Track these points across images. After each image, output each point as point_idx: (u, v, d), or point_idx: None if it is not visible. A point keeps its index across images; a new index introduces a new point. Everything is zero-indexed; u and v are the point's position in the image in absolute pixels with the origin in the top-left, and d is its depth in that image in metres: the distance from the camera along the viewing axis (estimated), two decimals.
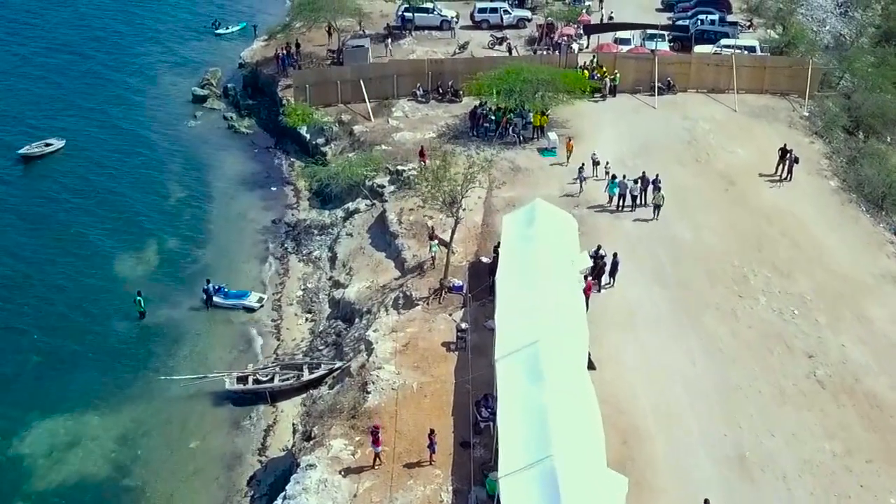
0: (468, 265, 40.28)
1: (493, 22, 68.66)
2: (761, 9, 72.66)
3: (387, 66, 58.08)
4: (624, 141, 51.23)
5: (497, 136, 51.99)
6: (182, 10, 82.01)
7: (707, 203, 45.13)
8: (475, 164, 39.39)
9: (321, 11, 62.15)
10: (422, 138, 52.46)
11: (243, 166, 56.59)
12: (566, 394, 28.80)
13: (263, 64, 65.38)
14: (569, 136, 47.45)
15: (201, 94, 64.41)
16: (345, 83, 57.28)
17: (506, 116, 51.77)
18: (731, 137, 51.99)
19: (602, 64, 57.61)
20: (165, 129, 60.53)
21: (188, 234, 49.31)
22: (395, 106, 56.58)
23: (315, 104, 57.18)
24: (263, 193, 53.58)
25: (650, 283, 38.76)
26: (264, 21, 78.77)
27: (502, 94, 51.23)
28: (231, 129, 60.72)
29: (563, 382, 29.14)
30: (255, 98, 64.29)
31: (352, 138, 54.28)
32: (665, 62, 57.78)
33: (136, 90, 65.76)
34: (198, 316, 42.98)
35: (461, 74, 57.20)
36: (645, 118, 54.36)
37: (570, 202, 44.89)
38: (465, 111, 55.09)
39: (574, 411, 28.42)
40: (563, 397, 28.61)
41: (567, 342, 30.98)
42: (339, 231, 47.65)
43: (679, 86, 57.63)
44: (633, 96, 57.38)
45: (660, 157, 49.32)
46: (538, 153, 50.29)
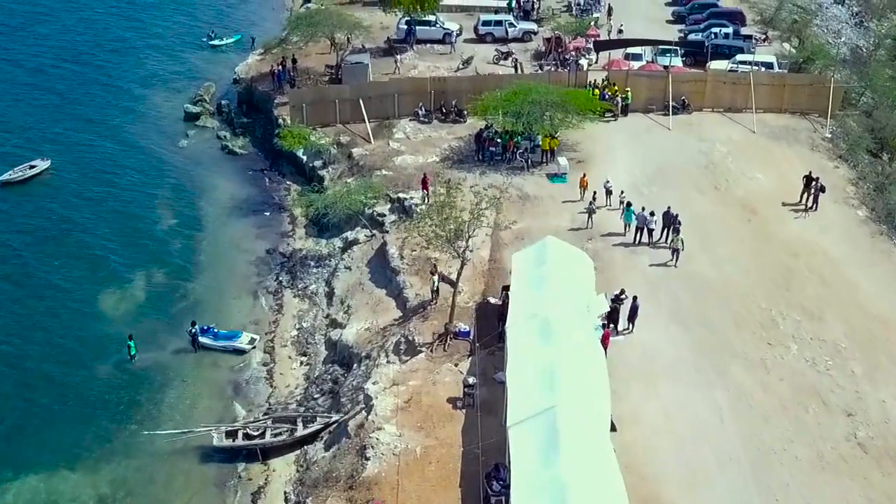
0: (475, 306, 37.24)
1: (497, 35, 65.56)
2: (775, 21, 69.54)
3: (387, 84, 55.02)
4: (638, 166, 48.18)
5: (504, 160, 48.96)
6: (176, 20, 78.80)
7: (729, 235, 42.08)
8: (483, 198, 36.28)
9: (319, 26, 59.05)
10: (424, 163, 49.44)
11: (237, 190, 53.51)
12: (587, 469, 25.81)
13: (259, 80, 62.30)
14: (584, 171, 44.03)
15: (194, 112, 61.33)
16: (343, 102, 54.22)
17: (512, 140, 48.71)
18: (750, 161, 48.92)
19: (613, 82, 54.54)
20: (156, 148, 57.45)
21: (177, 265, 46.23)
22: (396, 126, 53.54)
23: (312, 124, 54.21)
24: (257, 220, 50.51)
25: (671, 326, 35.70)
26: (261, 32, 75.74)
27: (509, 116, 48.17)
28: (224, 149, 57.64)
29: (583, 455, 26.16)
30: (250, 115, 61.21)
31: (350, 162, 51.22)
32: (679, 80, 54.72)
33: (127, 106, 62.64)
34: (185, 359, 39.92)
35: (465, 93, 54.22)
36: (659, 140, 51.29)
37: (582, 235, 41.89)
38: (469, 132, 52.08)
39: (595, 489, 25.43)
40: (584, 473, 25.62)
41: (587, 407, 27.96)
42: (337, 263, 44.61)
43: (694, 105, 54.58)
44: (646, 116, 54.31)
45: (677, 184, 46.33)
46: (547, 179, 47.24)
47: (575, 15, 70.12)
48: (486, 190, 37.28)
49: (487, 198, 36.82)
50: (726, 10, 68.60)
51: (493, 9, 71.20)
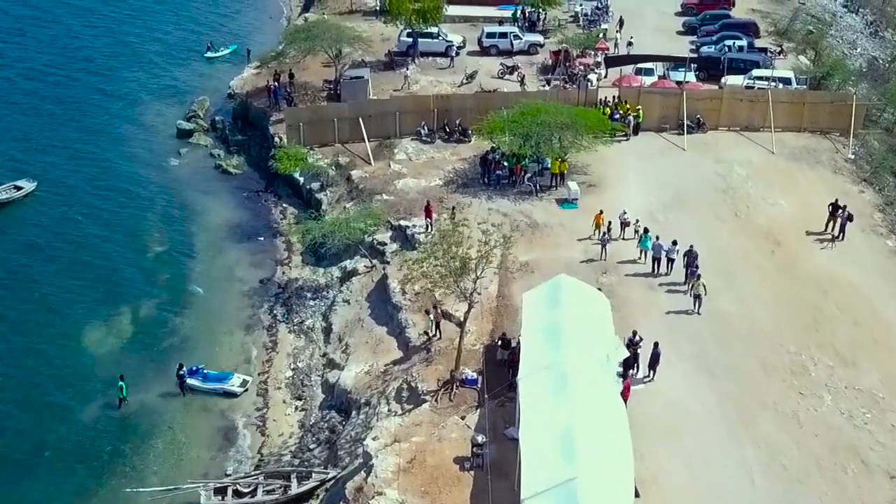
0: (483, 350, 34.44)
1: (502, 48, 62.72)
2: (790, 32, 66.69)
3: (388, 102, 52.20)
4: (653, 191, 45.39)
5: (511, 184, 46.17)
6: (170, 31, 75.72)
7: (752, 269, 39.29)
8: (492, 234, 33.44)
9: (317, 40, 56.19)
10: (427, 186, 46.65)
11: (230, 213, 50.68)
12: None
13: (254, 95, 59.46)
14: (600, 207, 41.02)
15: (187, 129, 58.44)
16: (342, 121, 51.40)
17: (520, 163, 45.89)
18: (771, 186, 46.12)
19: (625, 100, 51.71)
20: (146, 168, 54.58)
21: (167, 297, 43.40)
22: (398, 147, 50.71)
23: (309, 144, 51.43)
24: (252, 246, 47.69)
25: (695, 374, 32.93)
26: (257, 43, 73.02)
27: (516, 138, 45.35)
28: (218, 168, 54.76)
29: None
30: (245, 132, 58.39)
31: (350, 185, 48.41)
32: (694, 98, 51.88)
33: (117, 122, 59.73)
34: (173, 403, 37.09)
35: (470, 111, 51.42)
36: (674, 162, 48.49)
37: (596, 268, 39.15)
38: (474, 153, 49.29)
39: None
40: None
41: (610, 477, 25.17)
42: (335, 296, 41.80)
43: (709, 123, 51.75)
44: (659, 135, 51.53)
45: (695, 211, 43.59)
46: (557, 205, 44.45)
47: (582, 26, 67.28)
48: (495, 228, 34.35)
49: (496, 234, 33.97)
50: (739, 21, 65.75)
51: (497, 19, 68.35)
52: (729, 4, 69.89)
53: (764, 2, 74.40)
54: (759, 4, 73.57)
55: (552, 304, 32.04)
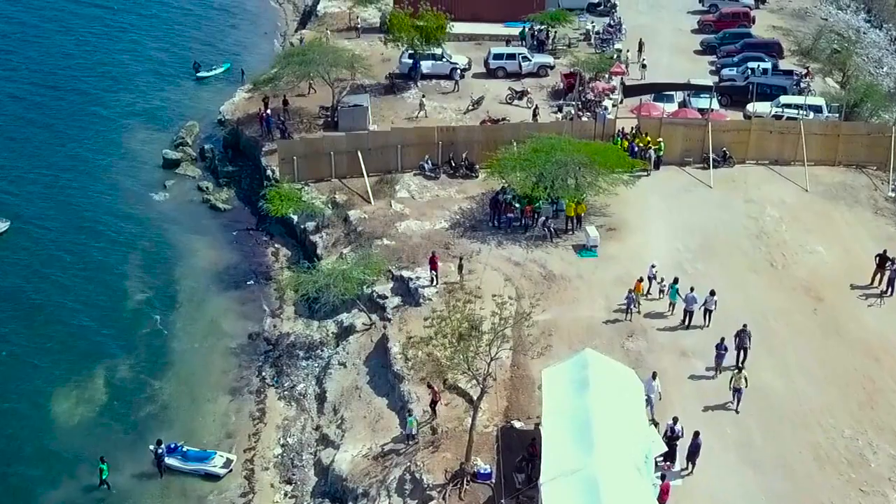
0: (498, 433, 30.07)
1: (510, 70, 58.33)
2: (814, 51, 62.18)
3: (389, 134, 47.74)
4: (679, 236, 41.05)
5: (522, 227, 41.82)
6: (159, 48, 70.97)
7: (794, 332, 34.91)
8: (504, 307, 29.03)
9: (312, 65, 51.71)
10: (431, 230, 42.30)
11: (218, 254, 46.23)
12: None
13: (246, 122, 55.00)
14: (639, 276, 36.46)
15: (173, 159, 53.96)
16: (339, 154, 47.01)
17: (532, 205, 41.50)
18: (808, 230, 41.76)
19: (645, 131, 47.29)
20: (129, 204, 50.07)
21: (146, 355, 39.02)
22: (399, 183, 46.31)
23: (304, 179, 47.06)
24: (240, 294, 43.26)
25: (739, 467, 28.59)
26: (251, 61, 68.39)
27: (528, 178, 40.96)
28: (206, 203, 50.27)
29: None
30: (236, 162, 53.95)
31: (347, 226, 44.05)
32: (719, 129, 47.47)
33: (100, 151, 55.20)
34: (148, 487, 32.68)
35: (477, 144, 47.06)
36: (700, 202, 44.13)
37: (621, 330, 34.84)
38: (482, 191, 44.96)
39: None
40: None
41: None
42: (330, 357, 37.43)
43: (736, 156, 47.36)
44: (682, 170, 47.17)
45: (726, 261, 39.29)
46: (575, 253, 40.08)
47: (594, 45, 62.86)
48: (507, 303, 29.90)
49: (510, 309, 29.64)
50: (762, 40, 61.35)
51: (503, 38, 63.94)
52: (748, 22, 65.50)
53: (784, 18, 70.14)
54: (779, 21, 69.29)
55: (578, 388, 27.71)
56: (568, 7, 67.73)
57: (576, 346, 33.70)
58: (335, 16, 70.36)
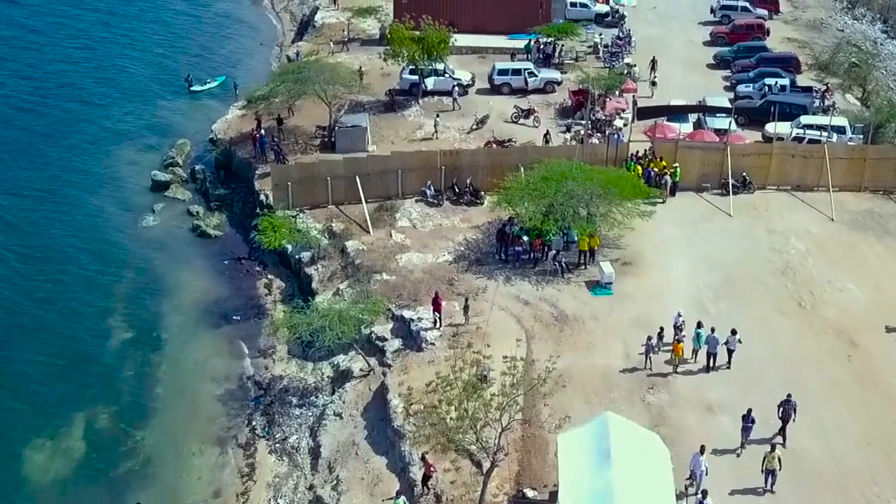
0: (508, 503, 27.14)
1: (515, 86, 55.39)
2: (833, 65, 59.22)
3: (389, 159, 44.73)
4: (699, 272, 38.11)
5: (531, 260, 38.88)
6: (152, 60, 68.05)
7: (828, 384, 31.97)
8: (516, 373, 26.11)
9: (308, 84, 48.69)
10: (434, 263, 39.37)
11: (208, 286, 43.26)
12: None
13: (239, 142, 52.06)
14: (676, 338, 32.80)
15: (162, 181, 50.99)
16: (336, 180, 44.05)
17: (541, 238, 38.54)
18: (836, 264, 38.82)
19: (660, 156, 44.32)
20: (114, 231, 47.07)
21: (129, 401, 36.07)
22: (400, 211, 43.36)
23: (299, 206, 44.15)
24: (231, 331, 40.27)
25: None
26: (246, 74, 65.93)
27: (538, 209, 38.01)
28: (196, 230, 47.21)
29: None
30: (229, 184, 50.96)
31: (344, 258, 41.09)
32: (739, 153, 44.49)
33: (84, 173, 52.17)
34: None
35: (482, 169, 44.11)
36: (720, 232, 41.20)
37: (640, 380, 31.98)
38: (487, 220, 42.08)
39: None
40: None
41: None
42: (325, 406, 34.43)
43: (756, 182, 44.39)
44: (699, 196, 44.24)
45: (751, 300, 36.39)
46: (588, 290, 37.11)
47: (603, 59, 59.87)
48: (517, 365, 26.91)
49: (517, 377, 26.68)
50: (779, 54, 58.38)
51: (508, 50, 61.09)
52: (763, 34, 62.53)
53: (799, 29, 67.18)
54: (793, 32, 66.32)
55: (598, 459, 24.89)
56: (574, 18, 65.02)
57: (592, 400, 30.96)
58: (333, 27, 67.43)
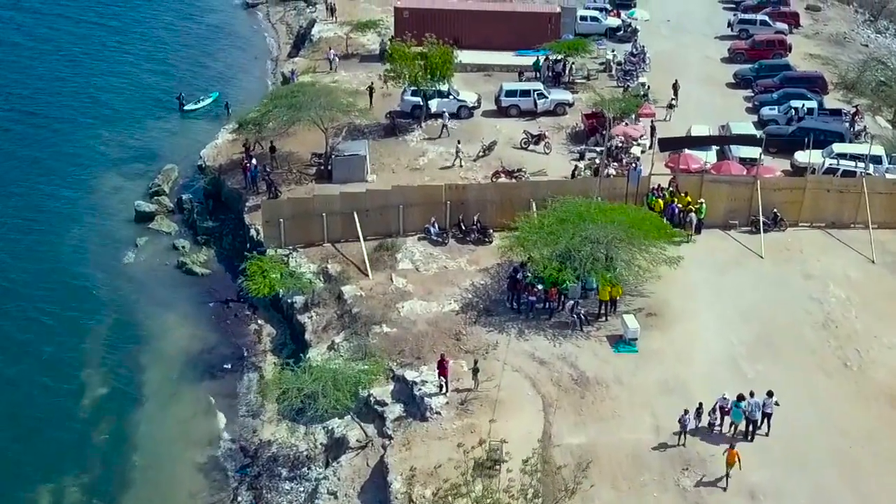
0: None
1: (524, 108, 51.56)
2: (859, 84, 55.33)
3: (389, 193, 40.83)
4: (732, 325, 34.27)
5: (547, 311, 35.01)
6: (141, 75, 63.96)
7: (883, 462, 28.13)
8: (534, 473, 22.32)
9: (302, 110, 44.74)
10: (439, 313, 35.53)
11: (192, 333, 39.34)
12: None
13: (229, 169, 48.18)
14: (729, 442, 27.98)
15: (147, 212, 47.06)
16: (332, 216, 40.19)
17: (557, 287, 34.65)
18: (881, 316, 35.04)
19: (684, 191, 40.45)
20: (93, 268, 43.11)
21: (102, 471, 32.15)
22: (401, 250, 39.53)
23: (292, 244, 40.35)
24: (216, 386, 36.37)
25: None
26: (240, 91, 62.29)
27: (553, 256, 34.13)
28: (182, 267, 43.25)
29: None
30: (218, 215, 46.98)
31: (340, 306, 37.20)
32: (769, 187, 40.60)
33: (63, 201, 48.19)
34: None
35: (490, 204, 40.29)
36: (752, 278, 37.39)
37: (674, 459, 28.26)
38: (496, 261, 38.24)
39: None
40: None
41: None
42: (319, 482, 30.48)
43: (787, 218, 40.54)
44: (726, 234, 40.43)
45: (791, 360, 32.63)
46: (610, 346, 33.26)
47: (616, 77, 55.98)
48: (535, 469, 23.13)
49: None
50: (803, 74, 54.51)
51: (515, 68, 57.25)
52: (784, 51, 58.61)
53: (821, 44, 63.33)
54: (815, 48, 62.49)
55: None
56: (585, 33, 61.18)
57: (620, 485, 27.21)
58: (331, 41, 63.51)
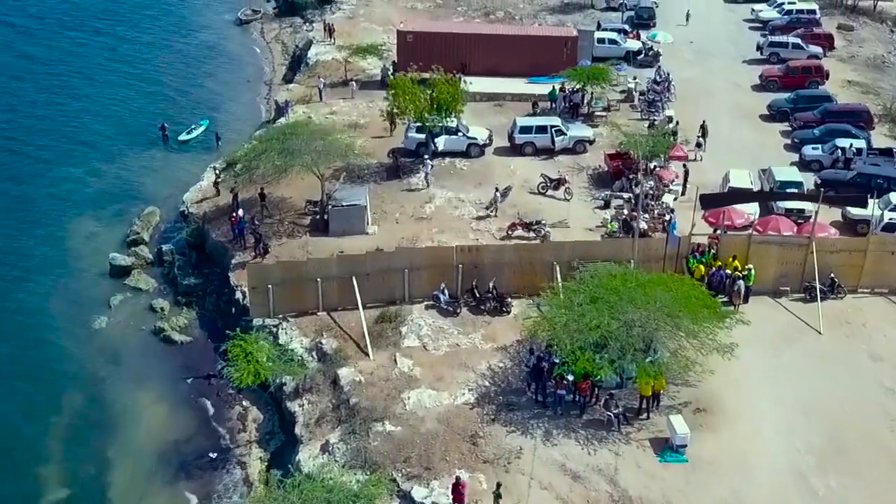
0: None
1: (539, 146, 45.98)
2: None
3: (393, 256, 35.22)
4: (795, 425, 28.83)
5: (577, 405, 29.48)
6: (125, 101, 58.32)
7: None
8: None
9: (296, 156, 39.07)
10: (451, 406, 30.09)
11: (168, 417, 33.78)
12: None
13: (214, 217, 42.64)
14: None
15: (122, 265, 41.51)
16: (328, 281, 34.62)
17: (591, 379, 29.11)
18: None
19: (732, 255, 34.86)
20: (59, 334, 37.52)
21: None
22: (407, 322, 33.98)
23: (282, 313, 34.81)
24: (194, 484, 30.74)
25: None
26: (231, 118, 56.85)
27: (586, 344, 28.52)
28: (159, 332, 37.77)
29: None
30: (201, 269, 41.28)
31: (336, 394, 31.59)
32: (825, 249, 35.03)
33: (30, 256, 42.42)
34: None
35: (508, 267, 34.78)
36: (812, 360, 31.85)
37: None
38: (515, 337, 32.88)
39: None
40: None
41: None
42: None
43: (846, 284, 35.02)
44: (777, 302, 34.85)
45: (869, 473, 27.19)
46: (654, 454, 27.75)
47: (640, 109, 50.44)
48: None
49: None
50: (847, 107, 48.83)
51: (528, 98, 51.68)
52: (822, 77, 52.95)
53: (858, 69, 57.71)
54: (853, 73, 56.86)
55: None
56: (603, 56, 55.67)
57: None
58: (328, 65, 57.94)
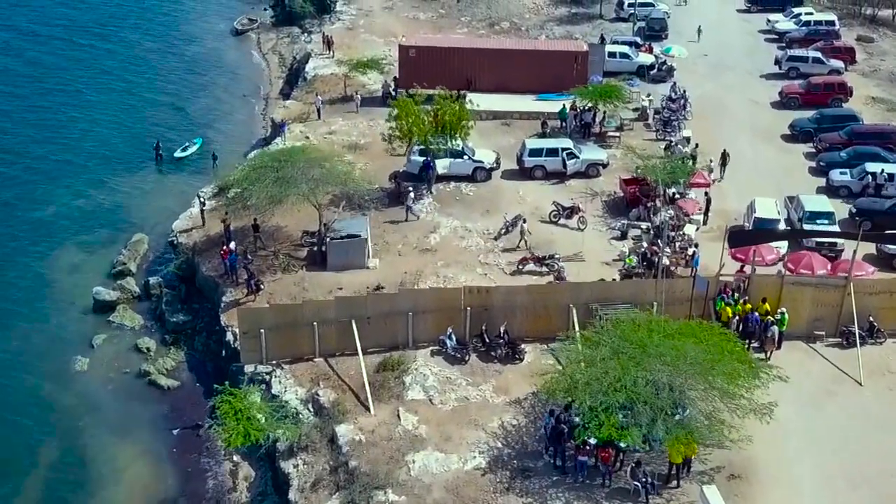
0: None
1: (550, 169, 43.01)
2: None
3: (396, 298, 32.25)
4: (837, 493, 26.01)
5: (600, 471, 26.49)
6: (114, 122, 55.09)
7: None
8: None
9: (291, 186, 36.03)
10: (460, 472, 27.06)
11: (153, 473, 30.95)
12: None
13: (205, 249, 39.61)
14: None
15: (107, 300, 38.62)
16: (326, 325, 31.65)
17: (613, 446, 26.13)
18: None
19: (763, 297, 31.87)
20: (36, 377, 34.60)
21: None
22: (411, 371, 31.00)
23: (275, 359, 31.87)
24: None
25: None
26: (225, 138, 53.79)
27: (612, 408, 25.54)
28: (144, 377, 34.85)
29: None
30: (191, 305, 38.44)
31: (334, 454, 28.60)
32: (863, 291, 32.03)
33: (9, 289, 39.49)
34: None
35: (520, 310, 31.84)
36: (853, 416, 28.90)
37: None
38: (531, 390, 29.85)
39: None
40: None
41: None
42: None
43: (885, 327, 32.07)
44: (811, 348, 31.89)
45: None
46: None
47: (655, 128, 47.48)
48: None
49: None
50: (876, 128, 45.75)
51: (537, 115, 48.66)
52: (845, 94, 49.95)
53: (882, 84, 54.69)
54: (875, 88, 53.83)
55: None
56: (614, 71, 52.68)
57: None
58: (327, 80, 54.97)
